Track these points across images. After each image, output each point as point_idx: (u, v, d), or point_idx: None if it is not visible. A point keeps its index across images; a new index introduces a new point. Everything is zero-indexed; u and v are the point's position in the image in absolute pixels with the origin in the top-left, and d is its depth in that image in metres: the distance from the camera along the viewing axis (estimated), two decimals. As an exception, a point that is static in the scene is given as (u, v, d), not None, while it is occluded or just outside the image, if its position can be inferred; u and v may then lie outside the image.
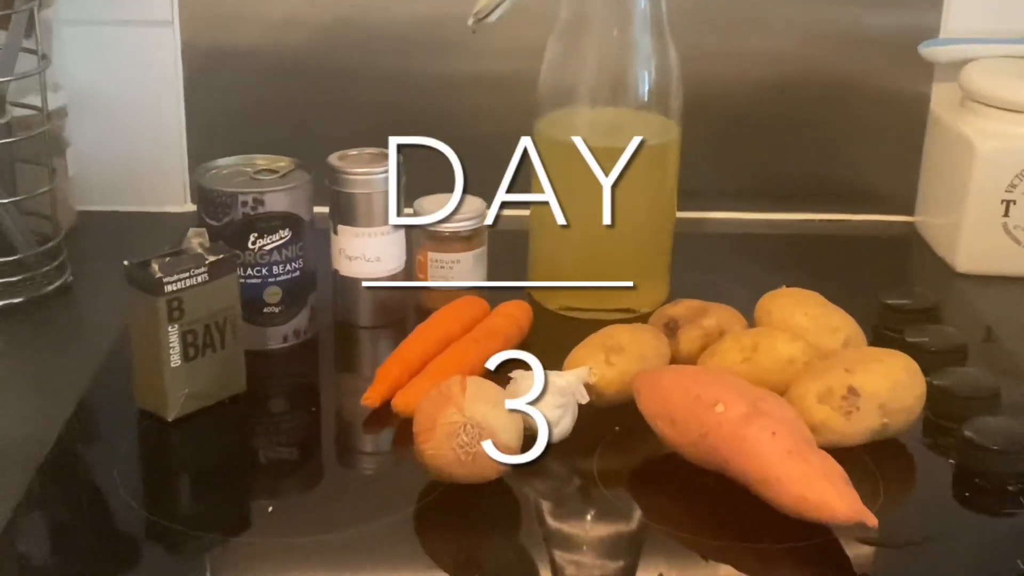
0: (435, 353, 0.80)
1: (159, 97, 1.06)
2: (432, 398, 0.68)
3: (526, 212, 0.92)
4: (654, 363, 0.78)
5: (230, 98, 1.06)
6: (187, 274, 0.72)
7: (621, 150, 0.84)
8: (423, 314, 0.87)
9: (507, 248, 0.94)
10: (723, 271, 0.98)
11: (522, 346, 0.84)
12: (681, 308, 0.83)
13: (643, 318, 0.84)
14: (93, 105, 1.05)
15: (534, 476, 0.69)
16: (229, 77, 1.05)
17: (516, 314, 0.85)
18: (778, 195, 1.10)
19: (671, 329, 0.81)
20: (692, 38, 0.94)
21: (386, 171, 0.86)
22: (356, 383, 0.79)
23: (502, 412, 0.67)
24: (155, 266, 0.71)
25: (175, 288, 0.72)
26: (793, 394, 0.73)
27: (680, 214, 0.94)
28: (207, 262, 0.73)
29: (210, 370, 0.75)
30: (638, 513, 0.69)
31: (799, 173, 1.10)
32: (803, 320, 0.80)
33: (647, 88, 0.86)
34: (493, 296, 0.89)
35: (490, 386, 0.70)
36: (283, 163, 0.86)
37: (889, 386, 0.72)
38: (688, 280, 0.94)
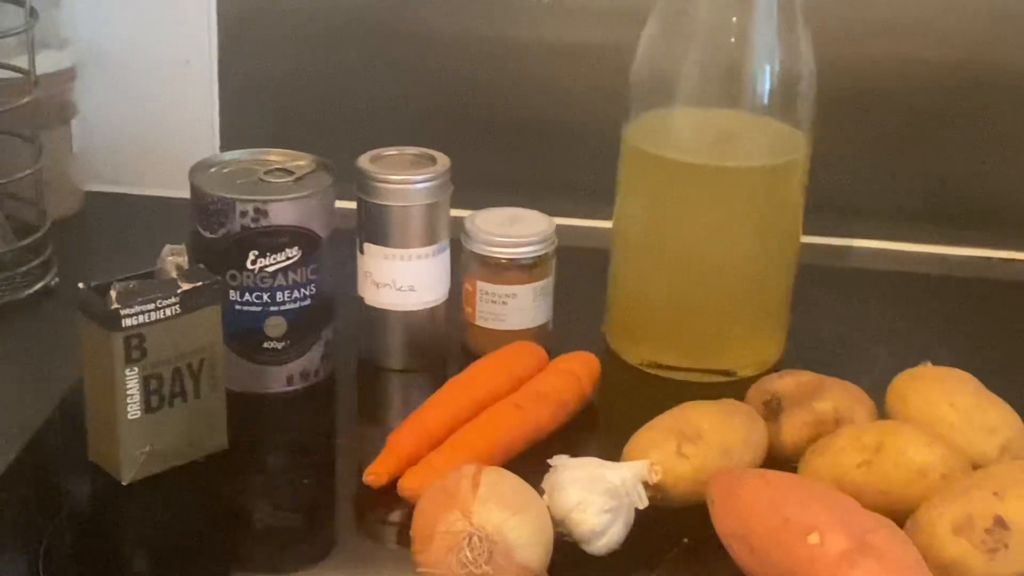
0: (466, 418, 0.75)
1: (188, 60, 1.04)
2: (434, 495, 0.62)
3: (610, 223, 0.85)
4: (741, 458, 0.70)
5: (271, 64, 1.03)
6: (152, 305, 0.67)
7: (732, 170, 0.79)
8: (469, 357, 0.82)
9: (581, 274, 0.88)
10: (858, 321, 0.91)
11: (583, 414, 0.78)
12: (789, 383, 0.75)
13: (744, 386, 0.77)
14: (107, 67, 1.03)
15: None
16: (270, 39, 1.02)
17: (578, 371, 0.79)
18: (945, 221, 1.01)
19: (772, 410, 0.74)
20: (831, 14, 0.86)
21: (430, 179, 0.80)
22: (375, 443, 0.74)
23: (524, 521, 0.60)
24: (112, 293, 0.66)
25: (136, 322, 0.67)
26: (921, 519, 0.65)
27: (808, 238, 0.86)
28: (179, 291, 0.68)
29: (179, 424, 0.71)
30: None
31: (976, 194, 1.01)
32: (949, 414, 0.71)
33: (768, 87, 0.79)
34: (557, 340, 0.84)
35: (513, 482, 0.64)
36: (302, 162, 0.80)
37: (1054, 520, 0.63)
38: (810, 333, 0.87)
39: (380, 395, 0.84)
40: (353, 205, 0.81)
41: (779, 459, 0.73)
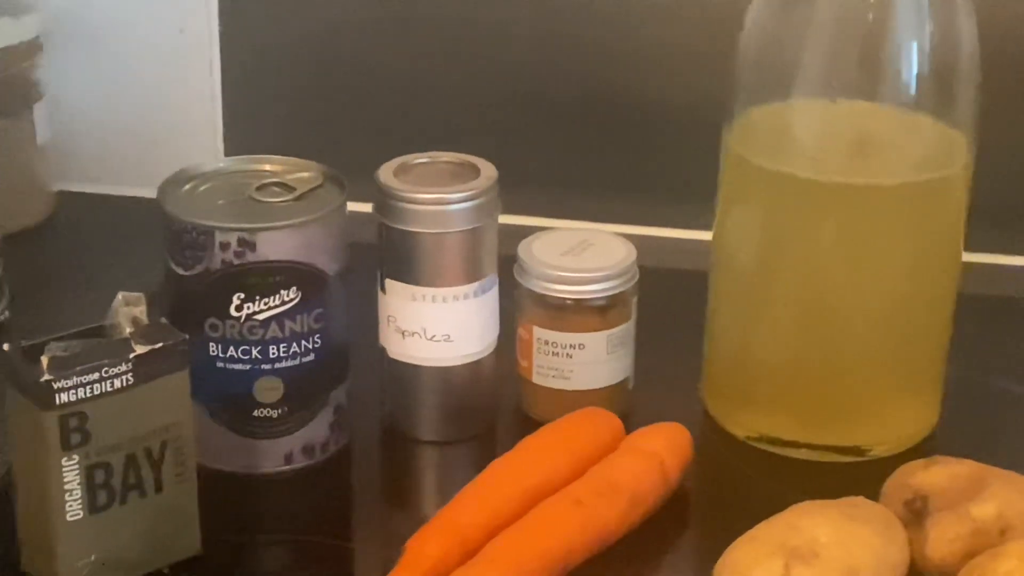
0: (510, 516, 0.71)
1: (182, 29, 1.03)
2: None
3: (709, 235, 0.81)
4: (872, 584, 0.64)
5: (281, 33, 1.02)
6: (97, 374, 0.65)
7: (871, 188, 0.75)
8: (525, 424, 0.79)
9: (673, 310, 0.86)
10: None
11: (668, 506, 0.74)
12: (939, 475, 0.70)
13: (881, 469, 0.72)
14: (80, 38, 1.04)
15: None
16: (281, 3, 1.01)
17: (662, 451, 0.75)
18: None
19: (916, 513, 0.69)
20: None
21: (472, 196, 0.77)
22: (400, 543, 0.70)
23: None
24: (44, 360, 0.63)
25: (75, 397, 0.64)
26: None
27: (972, 256, 0.81)
28: (132, 355, 0.65)
29: (136, 525, 0.68)
30: None
31: None
32: None
33: (917, 73, 0.74)
34: (640, 402, 0.81)
35: None
36: (306, 174, 0.77)
37: None
38: (972, 393, 0.84)
39: (408, 477, 0.81)
40: (373, 231, 0.78)
41: (925, 580, 0.68)
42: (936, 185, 0.76)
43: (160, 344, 0.67)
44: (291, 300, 0.74)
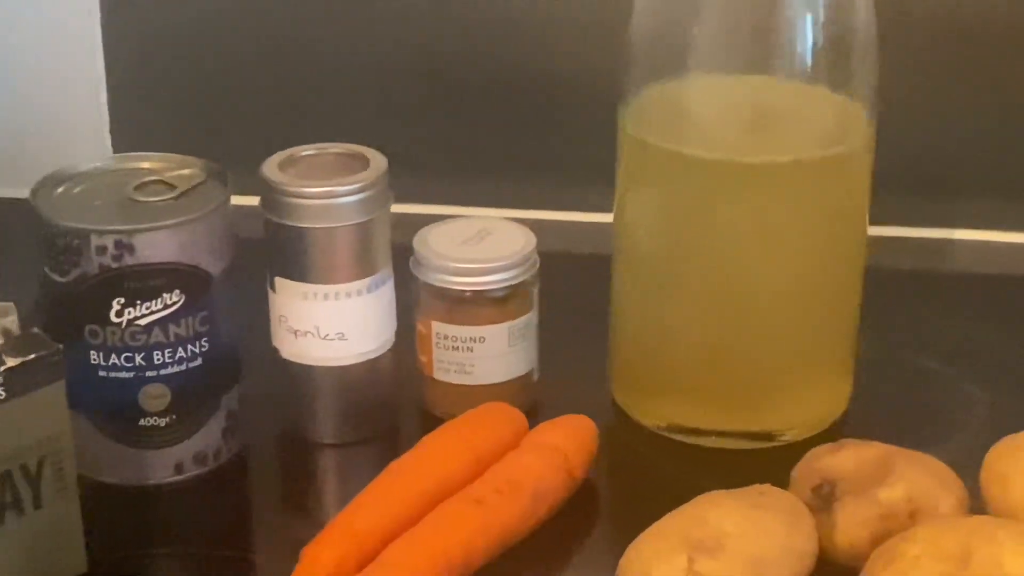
0: (409, 519, 0.71)
1: (62, 12, 1.01)
2: None
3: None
4: (780, 574, 0.66)
5: (166, 25, 1.01)
6: None
7: (770, 166, 0.75)
8: (428, 422, 0.79)
9: (578, 299, 0.87)
10: (952, 351, 0.87)
11: (575, 501, 0.75)
12: (846, 459, 0.71)
13: (793, 454, 0.73)
14: None
15: None
16: None
17: (565, 446, 0.75)
18: None
19: (824, 499, 0.70)
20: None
21: (362, 188, 0.77)
22: (300, 546, 0.70)
23: None
24: None
25: None
26: None
27: (879, 230, 0.82)
28: (2, 368, 0.65)
29: (15, 546, 0.68)
30: None
31: None
32: None
33: (811, 45, 0.75)
34: (546, 394, 0.81)
35: None
36: (187, 171, 0.77)
37: None
38: (883, 372, 0.84)
39: (307, 482, 0.80)
40: (262, 225, 0.78)
41: (833, 569, 0.69)
42: (837, 159, 0.77)
43: (32, 355, 0.67)
44: (174, 303, 0.74)
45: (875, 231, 0.82)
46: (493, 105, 1.00)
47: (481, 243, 0.81)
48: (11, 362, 0.66)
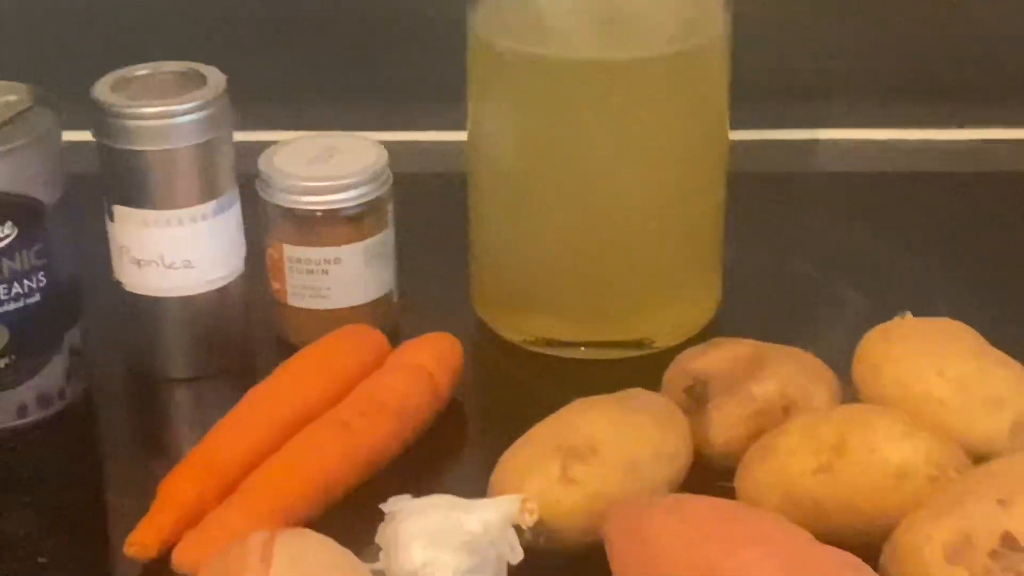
0: (270, 448, 0.71)
1: None
2: (212, 574, 0.59)
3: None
4: (654, 476, 0.68)
5: None
6: None
7: (625, 64, 0.77)
8: (285, 351, 0.79)
9: (436, 217, 0.88)
10: (821, 252, 0.90)
11: (441, 423, 0.76)
12: (717, 359, 0.73)
13: (666, 361, 0.75)
14: None
15: None
16: None
17: (430, 363, 0.76)
18: (941, 95, 1.01)
19: (697, 399, 0.72)
20: None
21: (200, 108, 0.77)
22: (144, 494, 0.70)
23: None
24: None
25: None
26: (903, 543, 0.63)
27: (744, 133, 0.84)
28: None
29: None
30: None
31: (984, 55, 1.00)
32: (938, 386, 0.70)
33: None
34: (407, 317, 0.83)
35: (322, 550, 0.60)
36: (12, 97, 0.77)
37: (1082, 533, 0.61)
38: (752, 276, 0.87)
39: (160, 419, 0.81)
40: (95, 161, 0.78)
41: (710, 469, 0.71)
42: (693, 56, 0.78)
43: None
44: (7, 236, 0.74)
45: (740, 135, 0.84)
46: (336, 25, 1.00)
47: (330, 160, 0.81)
48: None
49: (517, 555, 0.65)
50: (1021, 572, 0.61)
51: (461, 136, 0.82)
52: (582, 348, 0.81)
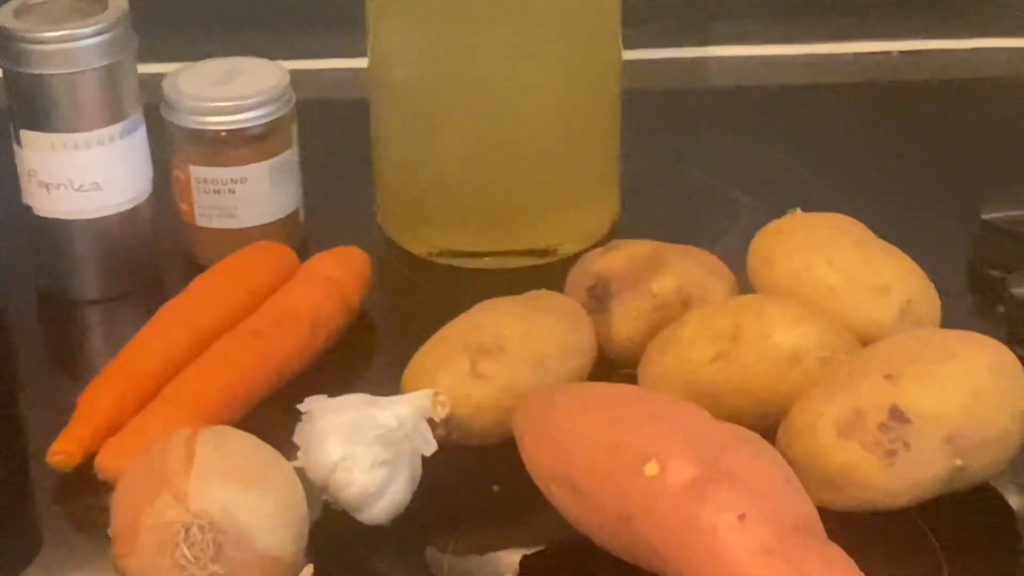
0: (185, 359, 0.74)
1: None
2: (135, 475, 0.62)
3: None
4: (560, 370, 0.71)
5: None
6: None
7: None
8: (195, 271, 0.81)
9: (339, 138, 0.89)
10: (713, 162, 0.93)
11: (352, 333, 0.79)
12: (617, 259, 0.76)
13: (569, 269, 0.78)
14: None
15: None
16: None
17: (339, 275, 0.79)
18: (823, 9, 1.04)
19: (599, 298, 0.75)
20: None
21: (102, 30, 0.79)
22: (62, 411, 0.72)
23: (262, 496, 0.60)
24: None
25: None
26: (797, 422, 0.67)
27: (635, 53, 0.87)
28: None
29: None
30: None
31: None
32: (827, 275, 0.73)
33: None
34: (315, 234, 0.85)
35: (243, 445, 0.63)
36: None
37: (963, 403, 0.65)
38: (649, 186, 0.90)
39: (73, 341, 0.83)
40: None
41: (615, 364, 0.74)
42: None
43: None
44: (-87, 162, 0.75)
45: (634, 54, 0.87)
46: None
47: (233, 82, 0.83)
48: None
49: (431, 447, 0.67)
50: (908, 442, 0.65)
51: (363, 63, 0.84)
52: (487, 258, 0.83)
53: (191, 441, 0.61)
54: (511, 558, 0.67)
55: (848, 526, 0.62)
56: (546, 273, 0.81)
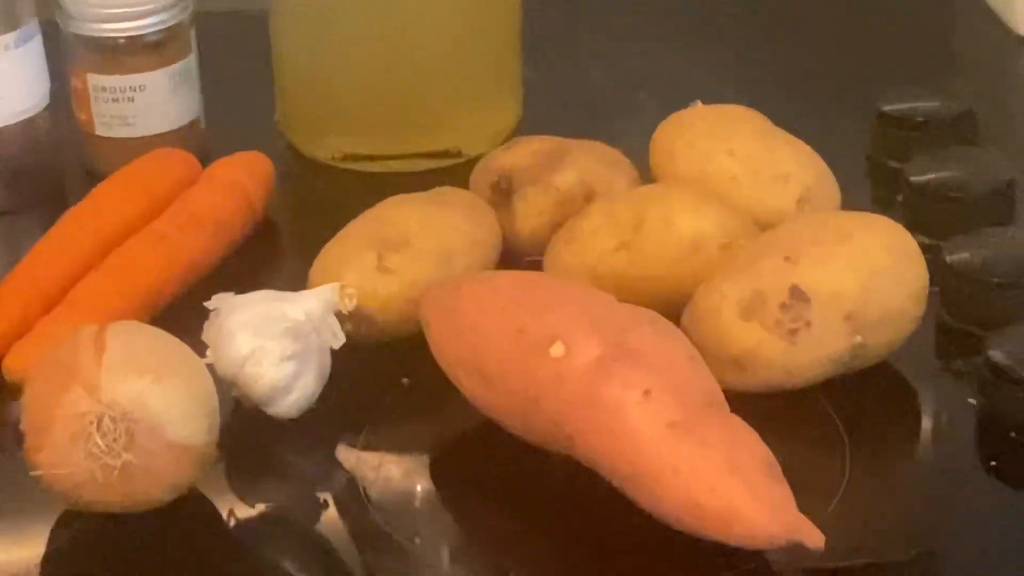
0: (91, 263, 0.75)
1: None
2: (46, 371, 0.63)
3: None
4: (466, 263, 0.73)
5: None
6: None
7: None
8: (95, 181, 0.82)
9: (238, 46, 0.90)
10: (613, 62, 0.95)
11: (256, 237, 0.80)
12: (519, 154, 0.78)
13: (471, 171, 0.80)
14: None
15: (247, 485, 0.65)
16: None
17: (242, 179, 0.81)
18: None
19: (502, 193, 0.77)
20: None
21: None
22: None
23: (172, 387, 0.62)
24: None
25: None
26: (701, 305, 0.69)
27: None
28: None
29: None
30: (442, 551, 0.64)
31: None
32: (728, 164, 0.75)
33: None
34: (216, 141, 0.85)
35: (152, 338, 0.64)
36: None
37: (861, 281, 0.68)
38: (552, 86, 0.91)
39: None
40: None
41: (520, 257, 0.76)
42: None
43: None
44: None
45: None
46: None
47: (129, -12, 0.84)
48: None
49: (339, 340, 0.69)
50: (809, 321, 0.68)
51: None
52: (391, 162, 0.85)
53: (100, 335, 0.63)
54: (422, 449, 0.68)
55: (753, 405, 0.64)
56: (451, 175, 0.83)
